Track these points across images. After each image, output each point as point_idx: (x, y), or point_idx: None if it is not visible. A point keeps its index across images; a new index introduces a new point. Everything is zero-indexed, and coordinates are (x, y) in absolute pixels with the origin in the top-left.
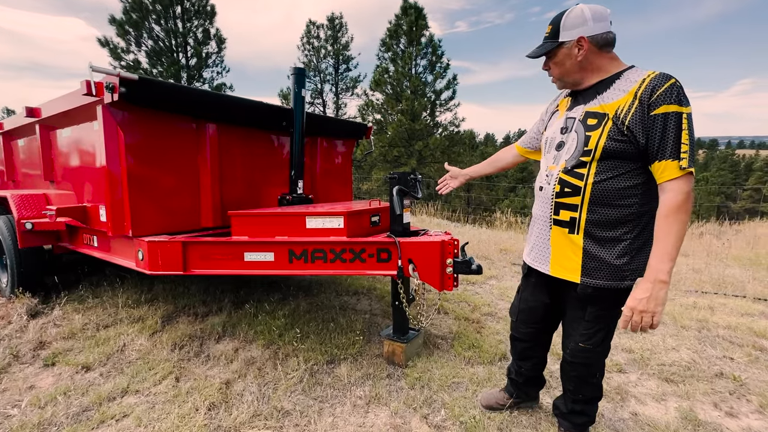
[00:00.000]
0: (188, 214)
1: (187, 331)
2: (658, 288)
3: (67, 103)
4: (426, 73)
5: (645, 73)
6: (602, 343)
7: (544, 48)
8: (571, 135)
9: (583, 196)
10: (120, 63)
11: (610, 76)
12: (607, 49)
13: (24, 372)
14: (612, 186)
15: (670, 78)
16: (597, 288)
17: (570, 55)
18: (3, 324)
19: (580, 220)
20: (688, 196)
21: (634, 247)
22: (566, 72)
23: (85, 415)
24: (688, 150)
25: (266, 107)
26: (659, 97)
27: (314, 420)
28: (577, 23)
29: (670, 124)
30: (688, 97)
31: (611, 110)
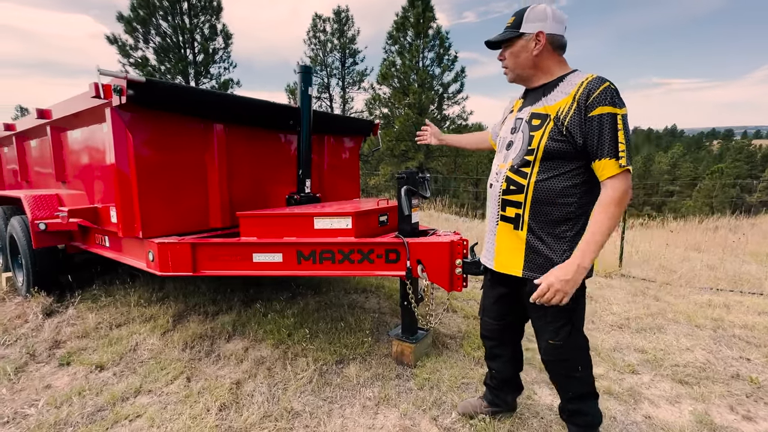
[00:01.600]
0: (197, 214)
1: (198, 331)
2: (579, 273)
3: (77, 105)
4: (433, 66)
5: (584, 76)
6: (570, 337)
7: (504, 35)
8: (518, 135)
9: (527, 194)
10: (128, 60)
11: (555, 79)
12: (558, 51)
13: (40, 371)
14: (553, 185)
15: (604, 81)
16: None
17: (527, 48)
18: (20, 323)
19: (524, 217)
20: (625, 193)
21: (575, 244)
22: (519, 64)
23: (99, 415)
24: (626, 149)
25: (273, 106)
26: (595, 99)
27: (324, 421)
28: (540, 18)
29: (606, 125)
30: (623, 100)
31: (553, 111)
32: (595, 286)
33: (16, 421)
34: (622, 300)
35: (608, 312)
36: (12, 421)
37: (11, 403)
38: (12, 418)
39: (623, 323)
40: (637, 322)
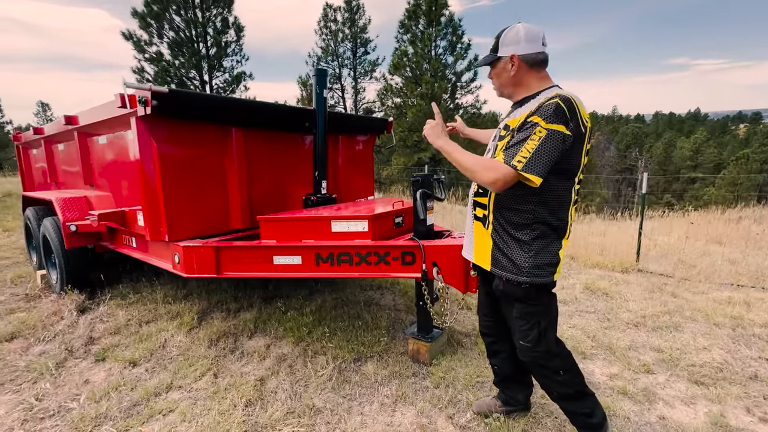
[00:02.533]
0: (219, 217)
1: (222, 328)
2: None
3: (103, 113)
4: (446, 55)
5: (549, 94)
6: (539, 342)
7: (486, 59)
8: (492, 143)
9: (490, 198)
10: (144, 56)
11: (532, 94)
12: (537, 68)
13: (78, 366)
14: (510, 194)
15: (555, 98)
16: (502, 280)
17: (505, 69)
18: (56, 319)
19: (489, 218)
20: (489, 170)
21: (533, 248)
22: (502, 84)
23: (135, 410)
24: (528, 158)
25: (289, 110)
26: (537, 109)
27: (344, 418)
28: (512, 41)
29: (525, 129)
30: (564, 118)
31: (514, 123)
32: (611, 282)
33: (60, 414)
34: (638, 297)
35: (624, 309)
36: (57, 414)
37: (55, 397)
38: (57, 411)
39: (639, 321)
40: (654, 320)
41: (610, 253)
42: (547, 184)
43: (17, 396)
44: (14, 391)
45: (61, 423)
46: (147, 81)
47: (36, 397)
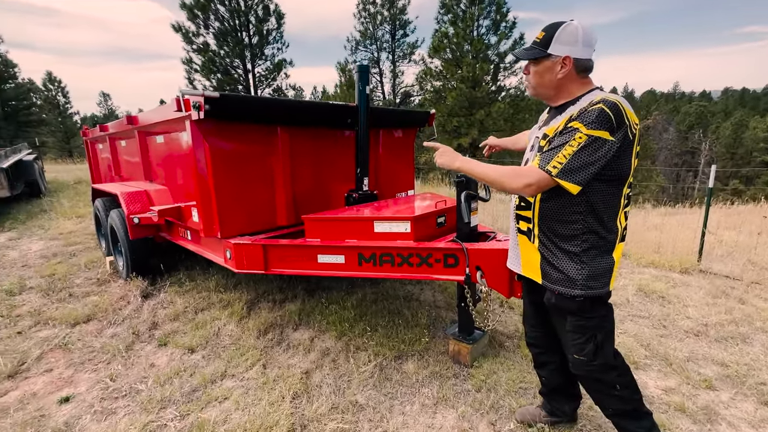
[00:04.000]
0: (266, 214)
1: (269, 319)
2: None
3: (160, 115)
4: (489, 35)
5: (594, 97)
6: (596, 355)
7: (533, 54)
8: (531, 154)
9: (534, 211)
10: (191, 47)
11: (571, 100)
12: (584, 74)
13: (144, 350)
14: (556, 205)
15: (599, 103)
16: (561, 296)
17: (552, 70)
18: (123, 304)
19: (534, 232)
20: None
21: (584, 259)
22: (542, 84)
23: (195, 395)
24: (564, 164)
25: (331, 107)
26: (579, 114)
27: (386, 417)
28: (570, 41)
29: (565, 134)
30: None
31: (552, 131)
32: (669, 283)
33: (131, 396)
34: (700, 302)
35: (683, 316)
36: (128, 395)
37: (125, 378)
38: (128, 392)
39: (700, 330)
40: (718, 329)
41: (667, 250)
42: (594, 191)
43: (95, 375)
44: (92, 370)
45: (132, 403)
46: (195, 71)
47: (110, 378)
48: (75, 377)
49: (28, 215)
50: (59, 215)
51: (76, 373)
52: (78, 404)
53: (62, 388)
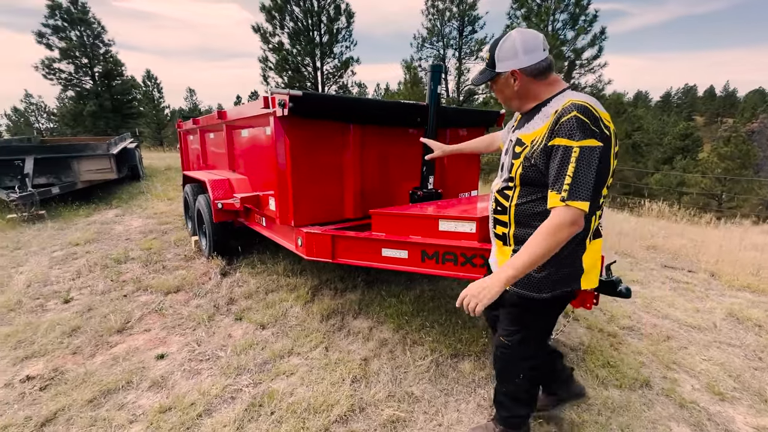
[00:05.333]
0: (335, 206)
1: (331, 305)
2: (494, 284)
3: (248, 111)
4: (566, 29)
5: (562, 102)
6: (520, 345)
7: (485, 77)
8: (506, 158)
9: (510, 215)
10: (268, 46)
11: (540, 103)
12: (542, 76)
13: (223, 322)
14: (531, 209)
15: (571, 111)
16: (521, 296)
17: (508, 85)
18: (206, 279)
19: (509, 236)
20: (559, 227)
21: (553, 263)
22: (507, 98)
23: (266, 367)
24: (571, 183)
25: (402, 106)
26: (556, 130)
27: (441, 412)
28: (509, 56)
29: (557, 157)
30: (591, 129)
31: (529, 140)
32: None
33: (213, 360)
34: None
35: None
36: (211, 359)
37: (208, 344)
38: (211, 356)
39: None
40: None
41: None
42: None
43: (183, 338)
44: (181, 334)
45: (213, 367)
46: (269, 69)
47: (196, 342)
48: (168, 339)
49: (129, 196)
50: (154, 197)
51: (168, 335)
52: (171, 362)
53: (158, 347)
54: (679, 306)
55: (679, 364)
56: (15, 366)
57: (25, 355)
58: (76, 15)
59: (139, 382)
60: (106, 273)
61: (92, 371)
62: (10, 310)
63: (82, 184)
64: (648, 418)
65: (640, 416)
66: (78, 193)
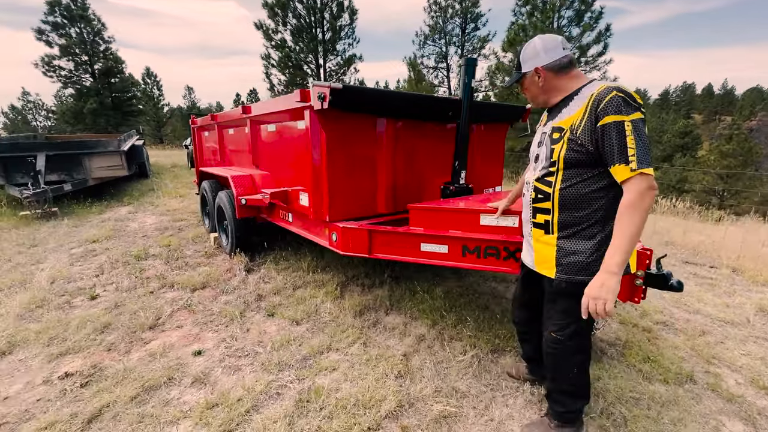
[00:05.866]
0: (368, 201)
1: (362, 301)
2: (608, 278)
3: (278, 105)
4: (571, 26)
5: (596, 87)
6: (573, 338)
7: (513, 79)
8: (542, 148)
9: (553, 201)
10: (270, 43)
11: (570, 93)
12: (564, 71)
13: (255, 318)
14: (577, 191)
15: (611, 91)
16: (569, 282)
17: (533, 82)
18: (230, 276)
19: (553, 222)
20: (641, 195)
21: (604, 244)
22: (534, 95)
23: (307, 363)
24: (635, 152)
25: (436, 100)
26: (602, 109)
27: (490, 407)
28: (531, 56)
29: (613, 133)
30: (634, 104)
31: (567, 124)
32: None
33: (252, 356)
34: None
35: None
36: (250, 355)
37: (244, 341)
38: (249, 353)
39: None
40: None
41: None
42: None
43: (217, 335)
44: (214, 330)
45: (254, 362)
46: (272, 66)
47: (232, 338)
48: (201, 335)
49: (140, 193)
50: (165, 194)
51: (201, 332)
52: (209, 358)
53: (193, 343)
54: (708, 301)
55: (719, 359)
56: (51, 363)
57: (59, 351)
58: (75, 12)
59: (181, 378)
60: (129, 270)
61: (131, 368)
62: (37, 307)
63: (93, 181)
64: (698, 412)
65: (690, 410)
66: (89, 190)
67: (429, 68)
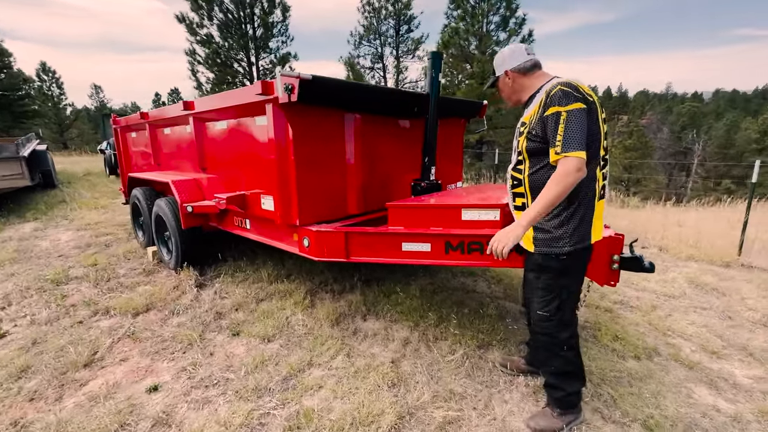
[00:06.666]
0: (339, 202)
1: (336, 309)
2: (515, 228)
3: (232, 99)
4: (499, 31)
5: (553, 82)
6: (558, 312)
7: (490, 82)
8: (515, 141)
9: (525, 186)
10: (195, 38)
11: (535, 91)
12: (530, 72)
13: (217, 339)
14: (540, 176)
15: (556, 86)
16: (542, 254)
17: (505, 84)
18: (179, 294)
19: (528, 205)
20: (565, 174)
21: (570, 218)
22: (507, 95)
23: (288, 384)
24: (562, 139)
25: (407, 94)
26: (548, 102)
27: (490, 405)
28: (500, 62)
29: (552, 121)
30: (575, 96)
31: (528, 118)
32: (717, 277)
33: (223, 384)
34: (753, 294)
35: (745, 307)
36: (219, 384)
37: (209, 367)
38: (219, 381)
39: (766, 321)
40: None
41: (705, 245)
42: None
43: (175, 364)
44: (170, 359)
45: (227, 391)
46: (198, 63)
47: (193, 366)
48: (154, 366)
49: (47, 206)
50: (81, 206)
51: (154, 363)
52: (168, 393)
53: (145, 377)
54: (651, 278)
55: (673, 330)
56: None
57: None
58: None
59: (137, 422)
60: (46, 297)
61: (67, 419)
62: None
63: None
64: (670, 382)
65: (664, 382)
66: None
67: (366, 68)
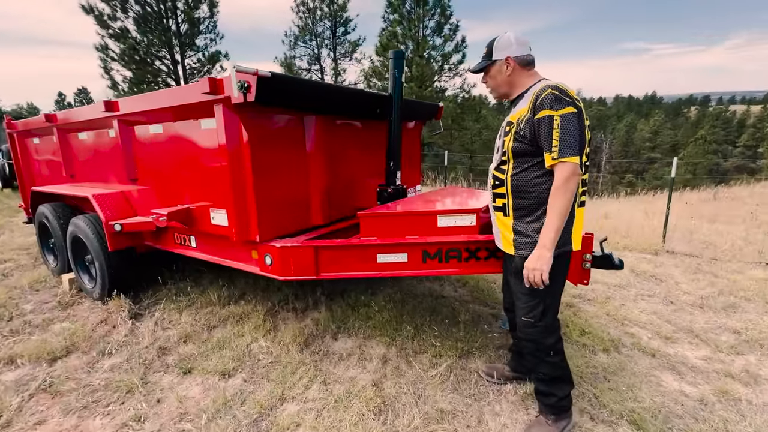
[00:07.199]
0: (302, 212)
1: (302, 330)
2: (543, 252)
3: (166, 99)
4: (434, 36)
5: (540, 86)
6: (543, 318)
7: (482, 64)
8: (499, 140)
9: (507, 187)
10: (107, 32)
11: (525, 91)
12: (527, 67)
13: (164, 381)
14: (524, 177)
15: (547, 88)
16: (522, 258)
17: (501, 71)
18: (108, 329)
19: (508, 206)
20: (565, 180)
21: None
22: (498, 85)
23: (261, 426)
24: (558, 143)
25: (371, 95)
26: (539, 105)
27: (483, 420)
28: (505, 46)
29: (545, 125)
30: (566, 100)
31: (516, 118)
32: (652, 264)
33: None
34: (684, 278)
35: (681, 291)
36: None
37: (158, 418)
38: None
39: (701, 303)
40: (712, 300)
41: (635, 235)
42: None
43: (112, 419)
44: (105, 414)
45: None
46: (112, 59)
47: (136, 419)
48: (84, 426)
49: None
50: None
51: (82, 421)
52: None
53: None
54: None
55: (629, 320)
56: None
57: None
58: None
59: None
60: None
61: None
62: None
63: None
64: (640, 372)
65: (635, 372)
66: None
67: (303, 70)
